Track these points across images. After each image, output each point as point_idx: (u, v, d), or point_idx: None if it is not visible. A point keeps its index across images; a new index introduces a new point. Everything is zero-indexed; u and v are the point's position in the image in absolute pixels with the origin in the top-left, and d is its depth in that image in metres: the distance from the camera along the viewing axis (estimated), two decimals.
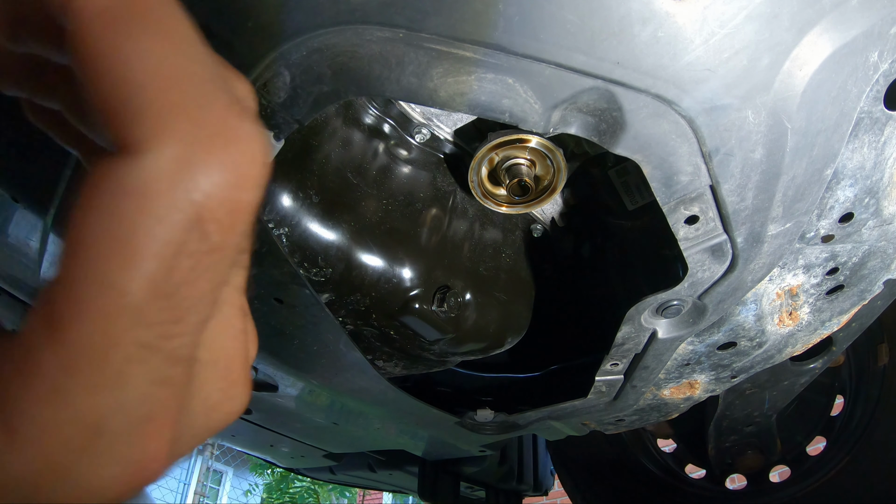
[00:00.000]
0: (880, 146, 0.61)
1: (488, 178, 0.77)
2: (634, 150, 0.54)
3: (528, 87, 0.50)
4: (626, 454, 1.76)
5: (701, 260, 0.67)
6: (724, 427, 1.48)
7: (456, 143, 0.85)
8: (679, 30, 0.46)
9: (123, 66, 0.20)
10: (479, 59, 0.48)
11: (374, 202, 0.84)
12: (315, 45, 0.50)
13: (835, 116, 0.55)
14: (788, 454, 1.58)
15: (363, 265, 0.84)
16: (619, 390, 0.98)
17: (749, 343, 0.88)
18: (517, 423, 1.09)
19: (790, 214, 0.63)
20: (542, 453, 2.18)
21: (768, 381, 1.30)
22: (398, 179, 0.86)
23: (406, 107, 0.81)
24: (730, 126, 0.52)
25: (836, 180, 0.64)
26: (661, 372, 0.92)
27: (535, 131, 0.54)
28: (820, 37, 0.48)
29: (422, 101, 0.52)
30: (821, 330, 0.89)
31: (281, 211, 0.78)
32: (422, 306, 0.87)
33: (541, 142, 0.70)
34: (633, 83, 0.49)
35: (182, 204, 0.20)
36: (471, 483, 2.07)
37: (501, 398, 1.14)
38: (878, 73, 0.53)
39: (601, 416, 1.09)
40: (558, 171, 0.73)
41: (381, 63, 0.50)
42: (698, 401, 1.05)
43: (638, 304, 0.76)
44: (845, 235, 0.72)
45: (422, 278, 0.87)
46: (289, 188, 0.77)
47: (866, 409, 1.42)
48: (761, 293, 0.79)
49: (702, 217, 0.61)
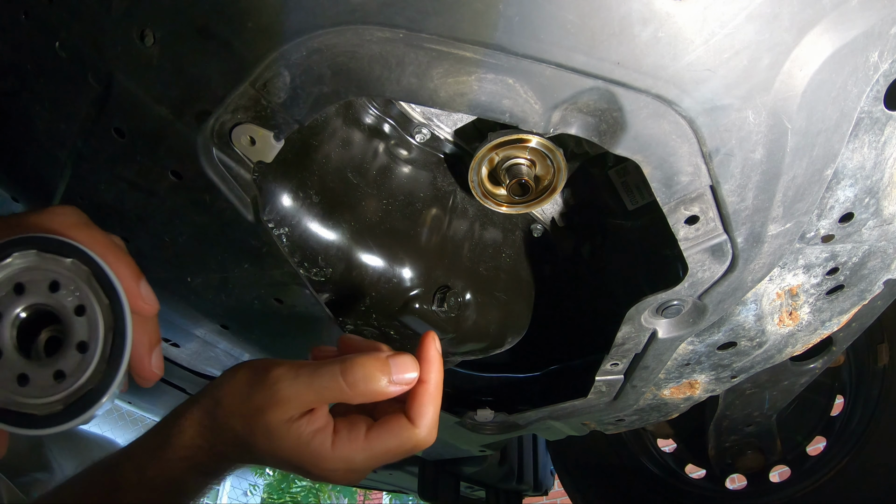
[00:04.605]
0: (880, 146, 0.61)
1: (488, 178, 0.77)
2: (635, 151, 0.54)
3: (528, 87, 0.50)
4: (627, 454, 1.76)
5: (701, 260, 0.67)
6: (724, 427, 1.48)
7: (456, 143, 0.85)
8: (679, 30, 0.46)
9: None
10: (479, 60, 0.48)
11: (374, 202, 0.84)
12: (315, 45, 0.50)
13: (835, 116, 0.55)
14: (788, 454, 1.58)
15: (363, 265, 0.84)
16: (619, 390, 0.98)
17: (749, 343, 0.88)
18: (517, 423, 1.09)
19: (790, 214, 0.63)
20: (542, 453, 2.18)
21: (768, 381, 1.30)
22: (398, 179, 0.86)
23: (406, 107, 0.81)
24: (730, 126, 0.52)
25: (837, 180, 0.64)
26: (661, 372, 0.92)
27: (536, 131, 0.55)
28: (820, 37, 0.48)
29: (422, 102, 0.52)
30: (821, 330, 0.89)
31: (281, 211, 0.78)
32: (422, 306, 0.88)
33: (541, 142, 0.70)
34: (633, 83, 0.49)
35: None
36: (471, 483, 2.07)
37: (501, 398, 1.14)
38: (878, 73, 0.53)
39: (601, 416, 1.09)
40: (558, 171, 0.73)
41: (382, 63, 0.50)
42: (698, 401, 1.05)
43: (638, 304, 0.76)
44: (845, 235, 0.72)
45: (422, 278, 0.87)
46: (289, 188, 0.78)
47: (866, 409, 1.42)
48: (761, 293, 0.79)
49: (702, 217, 0.61)
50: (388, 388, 0.54)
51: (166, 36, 0.53)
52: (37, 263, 0.47)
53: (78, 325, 0.47)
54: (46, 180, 0.74)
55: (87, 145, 0.65)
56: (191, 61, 0.54)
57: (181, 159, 0.62)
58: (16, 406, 0.46)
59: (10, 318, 0.47)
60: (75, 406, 0.47)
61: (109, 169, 0.67)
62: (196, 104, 0.57)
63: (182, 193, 0.66)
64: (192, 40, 0.52)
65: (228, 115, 0.57)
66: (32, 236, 0.47)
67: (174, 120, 0.58)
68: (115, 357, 0.47)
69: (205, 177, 0.61)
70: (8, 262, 0.47)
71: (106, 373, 0.47)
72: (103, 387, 0.47)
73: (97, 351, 0.47)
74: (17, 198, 0.86)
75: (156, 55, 0.54)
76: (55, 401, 0.46)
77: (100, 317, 0.48)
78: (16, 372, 0.46)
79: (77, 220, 0.53)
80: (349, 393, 0.53)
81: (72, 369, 0.47)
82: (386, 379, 0.54)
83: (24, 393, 0.46)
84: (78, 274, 0.48)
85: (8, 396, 0.46)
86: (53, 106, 0.65)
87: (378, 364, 0.54)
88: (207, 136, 0.59)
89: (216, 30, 0.51)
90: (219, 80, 0.54)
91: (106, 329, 0.48)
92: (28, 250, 0.47)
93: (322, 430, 0.55)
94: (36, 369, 0.46)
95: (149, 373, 0.55)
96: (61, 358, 0.47)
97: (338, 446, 0.55)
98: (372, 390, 0.54)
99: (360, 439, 0.55)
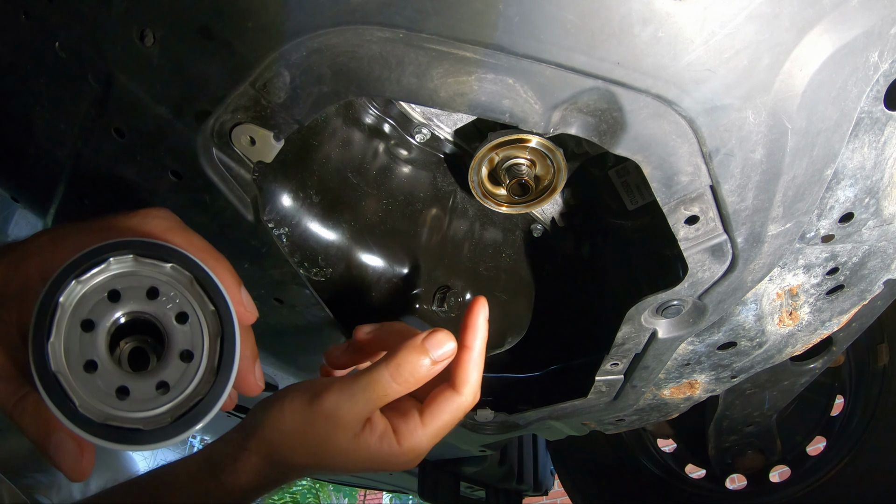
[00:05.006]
0: (880, 146, 0.61)
1: (488, 178, 0.77)
2: (635, 151, 0.54)
3: (528, 87, 0.50)
4: (626, 454, 1.76)
5: (701, 260, 0.67)
6: (724, 427, 1.48)
7: (456, 143, 0.85)
8: (679, 30, 0.46)
9: None
10: (479, 60, 0.48)
11: (374, 202, 0.84)
12: (315, 45, 0.50)
13: (835, 116, 0.55)
14: (788, 454, 1.58)
15: (363, 265, 0.84)
16: (620, 390, 0.98)
17: (749, 343, 0.88)
18: (517, 423, 1.09)
19: (790, 214, 0.63)
20: (542, 453, 2.18)
21: (768, 381, 1.29)
22: (398, 179, 0.86)
23: (406, 107, 0.81)
24: (730, 126, 0.52)
25: (837, 180, 0.64)
26: (661, 372, 0.92)
27: (536, 131, 0.55)
28: (820, 37, 0.48)
29: (422, 102, 0.52)
30: (821, 330, 0.89)
31: (281, 211, 0.78)
32: (422, 306, 0.88)
33: (541, 142, 0.70)
34: (633, 83, 0.49)
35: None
36: (471, 483, 2.07)
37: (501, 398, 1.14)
38: (878, 73, 0.53)
39: (601, 416, 1.09)
40: (558, 171, 0.73)
41: (382, 63, 0.50)
42: (698, 401, 1.05)
43: (638, 304, 0.76)
44: (845, 235, 0.72)
45: (422, 278, 0.87)
46: (289, 188, 0.78)
47: (866, 409, 1.42)
48: (761, 293, 0.79)
49: (702, 217, 0.61)
50: (433, 369, 0.55)
51: (166, 36, 0.53)
52: (134, 269, 0.45)
53: (180, 334, 0.45)
54: (46, 180, 0.74)
55: (87, 145, 0.65)
56: (191, 61, 0.54)
57: (181, 159, 0.62)
58: (118, 422, 0.42)
59: (106, 327, 0.44)
60: (184, 418, 0.43)
61: (109, 169, 0.67)
62: (196, 104, 0.57)
63: (182, 193, 0.66)
64: (192, 40, 0.52)
65: (228, 115, 0.57)
66: (129, 240, 0.44)
67: (174, 120, 0.58)
68: (225, 365, 0.45)
69: (205, 177, 0.61)
70: (103, 269, 0.44)
71: (215, 382, 0.44)
72: (213, 397, 0.44)
73: (203, 359, 0.45)
74: (16, 198, 0.86)
75: (156, 55, 0.54)
76: (161, 413, 0.43)
77: (204, 324, 0.45)
78: (114, 385, 0.43)
79: (173, 224, 0.52)
80: (401, 390, 0.55)
81: (176, 380, 0.44)
82: (428, 360, 0.54)
83: (124, 407, 0.43)
84: (179, 280, 0.45)
85: (108, 411, 0.42)
86: (53, 106, 0.64)
87: (417, 351, 0.54)
88: (207, 136, 0.59)
89: (216, 30, 0.51)
90: (219, 80, 0.54)
91: (212, 337, 0.45)
92: (125, 255, 0.44)
93: (385, 432, 0.56)
94: (136, 381, 0.43)
95: (253, 385, 0.54)
96: (163, 368, 0.44)
97: (403, 442, 0.56)
98: (419, 378, 0.55)
99: (418, 427, 0.57)
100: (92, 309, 0.43)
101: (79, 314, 0.43)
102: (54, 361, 0.41)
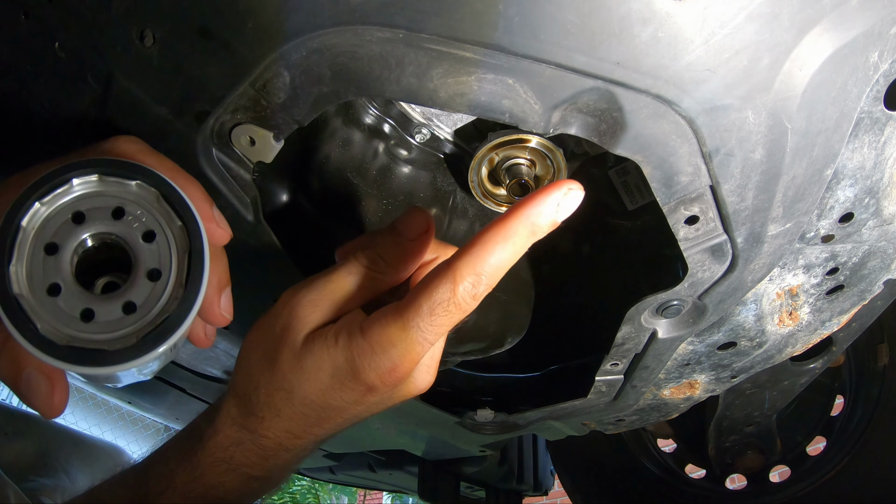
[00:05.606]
0: (880, 146, 0.61)
1: (488, 178, 0.77)
2: (635, 151, 0.54)
3: (528, 87, 0.50)
4: (626, 454, 1.76)
5: (701, 260, 0.67)
6: (724, 427, 1.48)
7: (456, 143, 0.85)
8: (679, 30, 0.46)
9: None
10: (479, 60, 0.48)
11: (374, 202, 0.84)
12: (315, 45, 0.50)
13: (835, 116, 0.55)
14: (788, 454, 1.58)
15: None
16: (619, 390, 0.98)
17: (749, 343, 0.88)
18: (517, 423, 1.09)
19: (790, 214, 0.63)
20: (542, 453, 2.18)
21: (768, 381, 1.30)
22: (398, 179, 0.86)
23: (406, 107, 0.81)
24: (730, 126, 0.52)
25: (836, 180, 0.64)
26: (661, 372, 0.92)
27: (536, 131, 0.54)
28: (820, 37, 0.48)
29: (422, 102, 0.52)
30: (821, 330, 0.89)
31: (281, 211, 0.78)
32: None
33: (541, 142, 0.70)
34: (633, 83, 0.49)
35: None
36: (471, 483, 2.07)
37: (501, 398, 1.14)
38: (878, 73, 0.53)
39: (601, 416, 1.09)
40: (558, 171, 0.73)
41: (381, 64, 0.50)
42: (698, 401, 1.05)
43: (638, 304, 0.76)
44: (845, 235, 0.72)
45: None
46: (289, 188, 0.78)
47: (866, 409, 1.42)
48: (761, 293, 0.79)
49: (702, 217, 0.61)
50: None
51: (166, 36, 0.53)
52: (99, 189, 0.43)
53: (147, 253, 0.43)
54: None
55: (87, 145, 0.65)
56: (191, 62, 0.54)
57: (181, 159, 0.62)
58: (82, 343, 0.40)
59: (70, 249, 0.42)
60: (150, 337, 0.41)
61: None
62: (196, 104, 0.57)
63: None
64: (191, 41, 0.52)
65: (228, 115, 0.57)
66: (93, 159, 0.43)
67: (174, 120, 0.58)
68: (193, 281, 0.42)
69: (204, 177, 0.61)
70: (66, 189, 0.42)
71: (183, 299, 0.42)
72: (181, 314, 0.42)
73: (171, 276, 0.42)
74: None
75: (155, 55, 0.54)
76: (127, 334, 0.41)
77: (172, 241, 0.43)
78: (79, 308, 0.41)
79: (143, 147, 0.49)
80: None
81: (143, 300, 0.42)
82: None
83: (90, 330, 0.41)
84: (146, 197, 0.43)
85: (71, 334, 0.40)
86: (53, 106, 0.64)
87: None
88: (207, 137, 0.59)
89: (216, 30, 0.51)
90: (218, 80, 0.54)
91: (180, 253, 0.43)
92: (89, 175, 0.42)
93: (340, 329, 0.49)
94: (101, 303, 0.41)
95: (218, 316, 0.51)
96: (130, 289, 0.42)
97: (369, 332, 0.47)
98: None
99: (388, 313, 0.48)
100: (56, 232, 0.42)
101: (42, 237, 0.42)
102: (16, 284, 0.40)
